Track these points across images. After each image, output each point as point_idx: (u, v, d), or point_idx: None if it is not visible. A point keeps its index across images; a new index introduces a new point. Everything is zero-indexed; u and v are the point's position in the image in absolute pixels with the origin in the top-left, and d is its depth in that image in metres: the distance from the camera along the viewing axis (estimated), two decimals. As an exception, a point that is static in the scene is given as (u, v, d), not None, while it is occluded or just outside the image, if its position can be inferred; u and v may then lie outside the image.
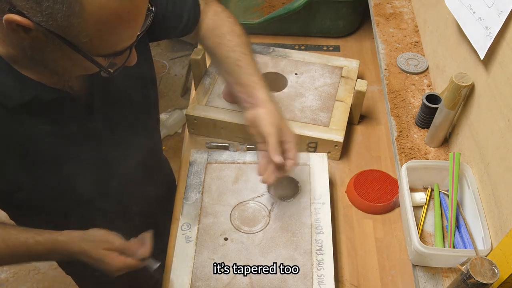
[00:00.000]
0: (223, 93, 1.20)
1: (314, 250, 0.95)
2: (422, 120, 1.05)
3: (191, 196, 1.03)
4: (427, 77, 1.17)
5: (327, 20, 1.44)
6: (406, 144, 1.04)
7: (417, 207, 0.98)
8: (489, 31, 0.81)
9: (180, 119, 2.38)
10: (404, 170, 0.93)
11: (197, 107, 1.18)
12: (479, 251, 0.81)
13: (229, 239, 0.97)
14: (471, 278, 0.70)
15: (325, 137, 1.11)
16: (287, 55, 1.32)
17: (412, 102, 1.12)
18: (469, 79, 0.88)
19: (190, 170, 1.08)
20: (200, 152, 1.12)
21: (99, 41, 0.67)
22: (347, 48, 1.47)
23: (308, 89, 1.22)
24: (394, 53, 1.23)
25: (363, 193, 1.07)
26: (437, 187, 0.99)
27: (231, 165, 1.09)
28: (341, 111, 1.17)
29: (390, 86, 1.16)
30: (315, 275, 0.91)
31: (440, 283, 0.86)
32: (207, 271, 0.92)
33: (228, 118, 1.15)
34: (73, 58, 0.69)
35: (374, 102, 1.31)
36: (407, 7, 1.36)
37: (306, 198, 1.03)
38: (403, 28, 1.30)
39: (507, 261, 0.70)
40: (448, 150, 1.02)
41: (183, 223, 0.99)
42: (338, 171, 1.15)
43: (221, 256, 0.94)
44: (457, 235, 0.90)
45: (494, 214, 0.82)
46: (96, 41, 0.67)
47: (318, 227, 0.98)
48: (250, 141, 1.17)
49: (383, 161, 1.17)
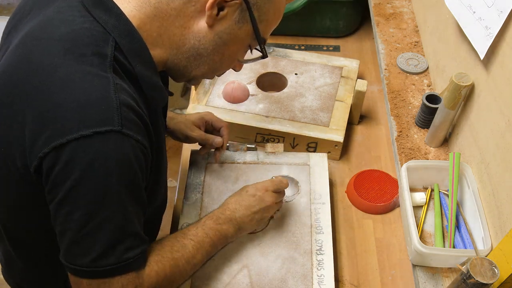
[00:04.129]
0: (223, 93, 1.20)
1: (314, 250, 0.95)
2: (422, 120, 1.05)
3: (191, 196, 1.03)
4: (427, 77, 1.17)
5: (327, 20, 1.44)
6: (406, 144, 1.04)
7: (417, 207, 0.98)
8: (489, 31, 0.81)
9: (180, 119, 2.38)
10: (404, 170, 0.93)
11: (197, 107, 1.18)
12: (479, 251, 0.81)
13: (229, 239, 0.97)
14: (471, 278, 0.70)
15: (325, 137, 1.11)
16: (287, 55, 1.32)
17: (412, 102, 1.12)
18: (469, 79, 0.88)
19: (190, 170, 1.08)
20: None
21: (269, 25, 0.75)
22: (347, 48, 1.47)
23: (308, 89, 1.22)
24: (394, 53, 1.23)
25: (363, 193, 1.07)
26: (437, 187, 0.99)
27: (231, 165, 1.09)
28: (341, 111, 1.17)
29: (390, 86, 1.15)
30: (315, 275, 0.91)
31: (440, 283, 0.86)
32: (207, 271, 0.92)
33: (228, 118, 1.15)
34: (239, 46, 0.75)
35: (374, 102, 1.31)
36: (407, 7, 1.36)
37: (306, 198, 1.03)
38: (403, 28, 1.30)
39: (507, 261, 0.70)
40: (448, 150, 1.02)
41: (183, 223, 0.99)
42: (338, 171, 1.15)
43: (221, 256, 0.94)
44: (457, 235, 0.90)
45: (494, 214, 0.82)
46: (268, 24, 0.75)
47: (318, 227, 0.98)
48: (250, 141, 1.17)
49: (383, 161, 1.17)
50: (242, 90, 1.19)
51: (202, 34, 0.71)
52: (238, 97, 1.18)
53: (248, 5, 0.70)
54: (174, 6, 0.69)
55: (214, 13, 0.69)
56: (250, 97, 1.20)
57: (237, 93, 1.18)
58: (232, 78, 1.23)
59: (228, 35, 0.72)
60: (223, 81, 1.23)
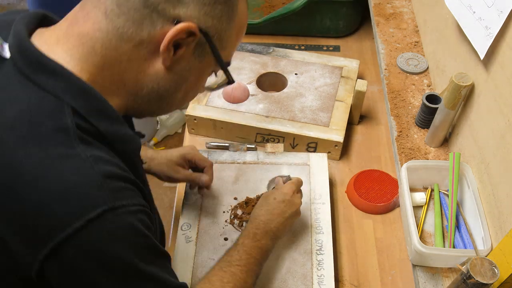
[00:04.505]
0: (223, 93, 1.20)
1: (314, 250, 0.95)
2: (422, 120, 1.05)
3: (191, 196, 1.03)
4: (427, 77, 1.17)
5: (327, 20, 1.44)
6: (406, 144, 1.04)
7: (417, 207, 0.98)
8: (489, 31, 0.81)
9: (180, 119, 2.38)
10: (404, 170, 0.93)
11: (197, 107, 1.18)
12: (479, 251, 0.81)
13: (229, 239, 0.97)
14: (471, 278, 0.70)
15: (325, 137, 1.11)
16: (287, 55, 1.32)
17: (412, 102, 1.12)
18: (469, 79, 0.88)
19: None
20: (200, 152, 1.12)
21: (233, 47, 0.69)
22: (347, 48, 1.47)
23: (308, 89, 1.22)
24: (394, 53, 1.23)
25: (363, 193, 1.07)
26: (437, 187, 0.99)
27: (231, 165, 1.09)
28: (341, 111, 1.17)
29: (390, 86, 1.16)
30: (315, 275, 0.91)
31: (440, 283, 0.86)
32: (207, 271, 0.92)
33: (228, 118, 1.15)
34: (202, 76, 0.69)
35: (374, 102, 1.31)
36: (407, 7, 1.36)
37: (306, 198, 1.03)
38: (403, 28, 1.30)
39: (507, 261, 0.70)
40: (448, 150, 1.02)
41: (183, 223, 0.99)
42: (338, 171, 1.15)
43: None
44: (457, 235, 0.90)
45: (494, 214, 0.82)
46: (232, 47, 0.68)
47: (318, 227, 0.98)
48: (250, 141, 1.17)
49: (383, 161, 1.17)
50: (242, 90, 1.19)
51: (160, 76, 0.64)
52: (238, 97, 1.18)
53: (207, 37, 0.63)
54: (124, 51, 0.61)
55: (171, 54, 0.62)
56: (250, 97, 1.20)
57: (237, 93, 1.18)
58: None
59: (188, 72, 0.66)
60: (223, 81, 1.23)
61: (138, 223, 0.60)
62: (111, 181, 0.58)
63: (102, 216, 0.55)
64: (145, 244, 0.61)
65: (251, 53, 1.33)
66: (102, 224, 0.55)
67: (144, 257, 0.60)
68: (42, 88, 0.58)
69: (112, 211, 0.56)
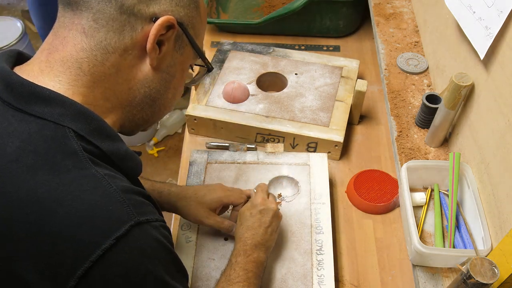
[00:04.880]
0: (223, 93, 1.20)
1: (314, 250, 0.95)
2: (422, 120, 1.05)
3: (191, 196, 1.03)
4: (427, 77, 1.17)
5: (327, 20, 1.44)
6: (406, 144, 1.04)
7: (417, 207, 0.98)
8: (489, 31, 0.81)
9: (180, 119, 2.38)
10: (404, 170, 0.93)
11: (197, 107, 1.18)
12: (479, 251, 0.81)
13: (229, 239, 0.97)
14: (471, 278, 0.70)
15: (325, 137, 1.11)
16: (287, 55, 1.32)
17: (412, 102, 1.12)
18: (469, 79, 0.88)
19: (190, 170, 1.08)
20: (200, 152, 1.12)
21: (202, 36, 0.71)
22: (347, 48, 1.47)
23: (308, 89, 1.22)
24: (394, 53, 1.23)
25: (363, 193, 1.07)
26: (437, 187, 0.99)
27: (231, 165, 1.09)
28: (341, 111, 1.17)
29: (390, 86, 1.16)
30: (315, 275, 0.91)
31: (440, 283, 0.86)
32: (207, 271, 0.92)
33: (228, 118, 1.15)
34: (184, 70, 0.71)
35: (374, 102, 1.31)
36: (407, 7, 1.36)
37: (306, 198, 1.03)
38: (403, 28, 1.30)
39: (507, 261, 0.70)
40: (448, 150, 1.02)
41: (183, 223, 0.99)
42: (338, 171, 1.15)
43: (221, 256, 0.94)
44: (457, 235, 0.90)
45: (494, 214, 0.82)
46: (201, 35, 0.71)
47: (318, 227, 0.98)
48: (250, 141, 1.17)
49: (383, 161, 1.17)
50: (242, 90, 1.19)
51: (149, 78, 0.65)
52: (238, 97, 1.19)
53: (183, 27, 0.65)
54: (111, 63, 0.61)
55: (157, 53, 0.63)
56: (250, 97, 1.20)
57: (237, 93, 1.18)
58: (232, 78, 1.23)
59: (174, 67, 0.68)
60: (223, 81, 1.23)
61: (163, 238, 0.59)
62: (131, 196, 0.57)
63: (130, 232, 0.54)
64: (171, 259, 0.61)
65: (251, 53, 1.33)
66: (131, 240, 0.54)
67: (172, 273, 0.60)
68: (39, 117, 0.57)
69: (138, 226, 0.55)
